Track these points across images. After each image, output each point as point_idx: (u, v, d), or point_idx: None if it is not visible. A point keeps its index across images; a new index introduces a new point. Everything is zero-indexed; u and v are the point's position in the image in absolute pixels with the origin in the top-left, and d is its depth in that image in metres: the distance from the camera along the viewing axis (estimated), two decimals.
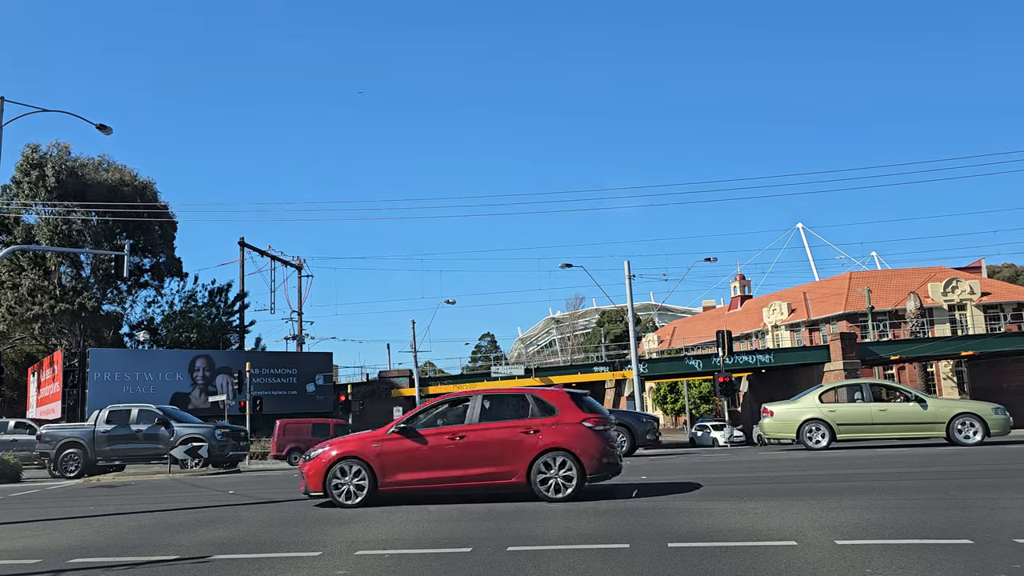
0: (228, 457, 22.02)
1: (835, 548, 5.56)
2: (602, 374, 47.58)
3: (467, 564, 5.53)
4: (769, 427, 18.46)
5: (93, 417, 22.18)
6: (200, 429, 21.68)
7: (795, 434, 17.87)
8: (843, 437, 17.73)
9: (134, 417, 21.71)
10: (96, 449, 21.43)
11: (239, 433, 22.80)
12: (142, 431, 21.42)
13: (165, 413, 22.25)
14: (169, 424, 21.49)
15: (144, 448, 21.49)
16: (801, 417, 17.86)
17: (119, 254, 25.62)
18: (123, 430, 21.53)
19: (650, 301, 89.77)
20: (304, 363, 43.09)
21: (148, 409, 22.20)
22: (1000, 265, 75.89)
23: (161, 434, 21.32)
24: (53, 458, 21.42)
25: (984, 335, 51.86)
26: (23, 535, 8.37)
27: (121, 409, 22.19)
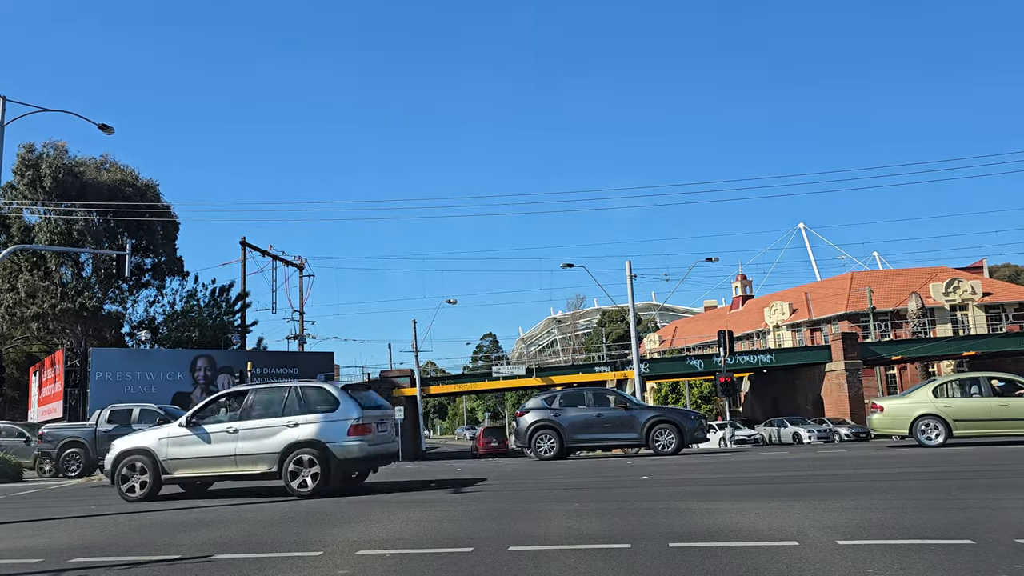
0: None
1: (836, 548, 5.55)
2: (603, 374, 47.58)
3: (468, 564, 5.53)
4: (879, 423, 17.72)
5: (95, 417, 22.19)
6: None
7: (907, 430, 17.11)
8: (960, 433, 16.86)
9: (136, 417, 21.72)
10: (98, 449, 21.38)
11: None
12: (144, 431, 21.43)
13: (167, 413, 22.25)
14: (170, 423, 21.47)
15: None
16: (914, 413, 17.03)
17: (121, 254, 25.64)
18: (125, 430, 21.49)
19: (651, 301, 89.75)
20: (305, 363, 43.06)
21: (150, 408, 22.22)
22: (1002, 265, 75.78)
23: None
24: (55, 458, 21.42)
25: (986, 335, 51.84)
26: (24, 534, 8.37)
27: (123, 409, 22.19)
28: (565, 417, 19.64)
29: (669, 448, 19.11)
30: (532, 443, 19.64)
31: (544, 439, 19.54)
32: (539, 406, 20.10)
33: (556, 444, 19.44)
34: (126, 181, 43.49)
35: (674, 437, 19.23)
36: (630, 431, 19.51)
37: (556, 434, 19.50)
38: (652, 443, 19.29)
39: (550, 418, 19.64)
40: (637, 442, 19.75)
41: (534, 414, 19.87)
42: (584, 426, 19.56)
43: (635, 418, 19.51)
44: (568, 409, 19.84)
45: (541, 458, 19.42)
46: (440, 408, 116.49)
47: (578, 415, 19.68)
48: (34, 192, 40.39)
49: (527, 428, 19.73)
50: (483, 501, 9.84)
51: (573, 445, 19.91)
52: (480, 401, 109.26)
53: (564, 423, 19.55)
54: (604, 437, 19.83)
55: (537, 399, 20.62)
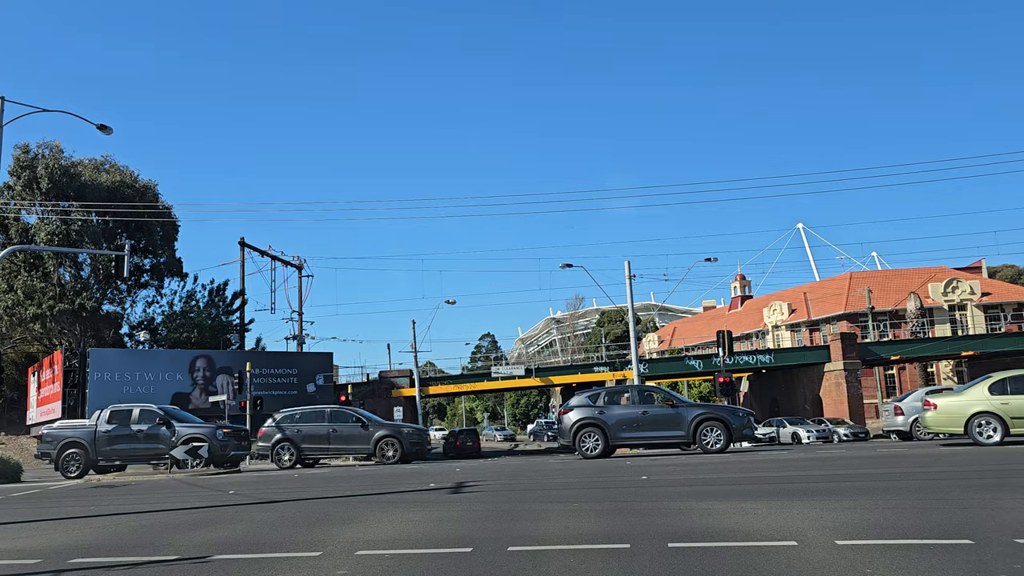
0: (230, 457, 21.98)
1: (835, 548, 5.55)
2: (602, 374, 47.60)
3: (467, 564, 5.53)
4: (932, 421, 17.30)
5: (94, 417, 22.15)
6: (202, 429, 21.65)
7: (963, 428, 16.67)
8: (1017, 431, 16.39)
9: (135, 417, 21.69)
10: (98, 449, 21.41)
11: (241, 433, 22.76)
12: (143, 431, 21.39)
13: (167, 413, 22.24)
14: (171, 424, 21.45)
15: (146, 448, 21.48)
16: (970, 410, 16.55)
17: (119, 254, 25.65)
18: (124, 430, 21.51)
19: (650, 301, 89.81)
20: (304, 363, 43.07)
21: (149, 409, 22.18)
22: (1000, 265, 75.87)
23: (163, 434, 21.28)
24: (54, 458, 21.40)
25: (984, 335, 51.89)
26: (23, 535, 8.36)
27: (122, 409, 22.17)
28: (610, 415, 19.27)
29: (717, 446, 18.72)
30: (576, 441, 19.26)
31: (588, 437, 19.20)
32: (583, 404, 19.76)
33: (601, 442, 19.10)
34: (125, 182, 43.46)
35: (722, 434, 18.80)
36: (676, 429, 19.09)
37: (601, 432, 19.13)
38: (699, 441, 18.89)
39: (594, 416, 19.25)
40: (684, 440, 19.32)
41: (578, 412, 19.53)
42: (629, 424, 19.19)
43: (681, 415, 19.12)
44: (612, 407, 19.50)
45: (586, 456, 19.07)
46: (439, 408, 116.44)
47: (623, 413, 19.31)
48: (31, 193, 40.32)
49: (571, 426, 19.35)
50: (482, 501, 9.84)
51: (618, 443, 19.57)
52: (479, 401, 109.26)
53: (609, 421, 19.18)
54: (650, 435, 19.40)
55: (580, 396, 20.29)
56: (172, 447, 20.79)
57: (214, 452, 21.01)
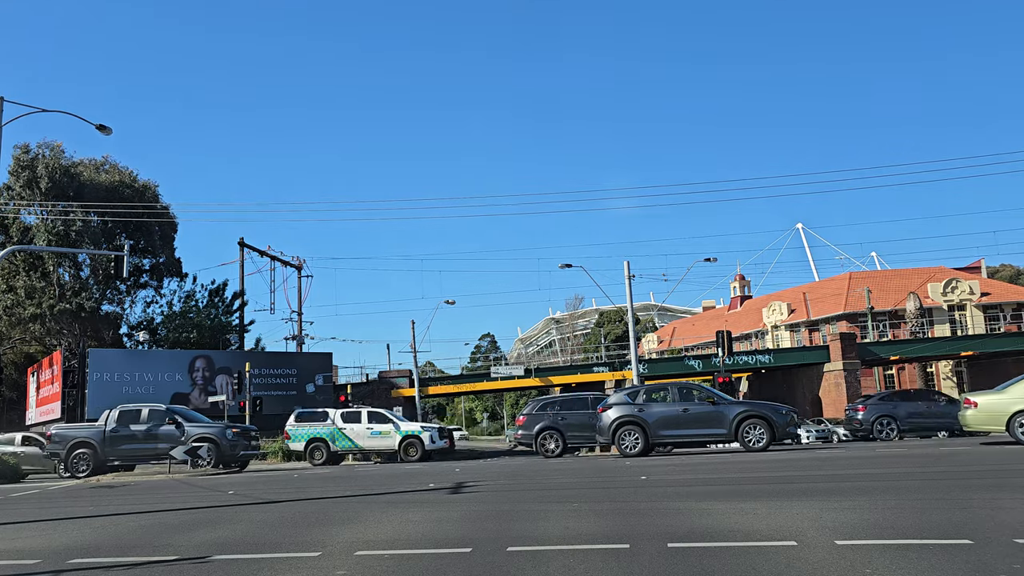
0: (239, 457, 21.85)
1: (835, 548, 5.55)
2: (602, 374, 47.60)
3: (467, 564, 5.53)
4: (973, 419, 17.15)
5: (103, 417, 22.02)
6: (211, 429, 21.55)
7: (1004, 426, 16.49)
8: None
9: (144, 417, 21.61)
10: (107, 449, 21.30)
11: (250, 432, 22.63)
12: (153, 431, 21.29)
13: (176, 413, 22.12)
14: (180, 424, 21.37)
15: (155, 448, 21.37)
16: (1012, 408, 16.34)
17: (119, 254, 25.65)
18: (134, 430, 21.39)
19: (650, 301, 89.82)
20: (304, 363, 43.06)
21: (159, 409, 22.14)
22: (999, 265, 75.91)
23: (172, 434, 21.16)
24: (63, 458, 21.31)
25: (983, 335, 51.89)
26: (23, 535, 8.36)
27: (131, 409, 22.09)
28: (650, 412, 19.10)
29: (760, 444, 18.51)
30: (616, 439, 19.10)
31: (628, 435, 19.03)
32: (622, 401, 19.59)
33: (641, 440, 18.94)
34: (124, 182, 43.44)
35: (764, 432, 18.54)
36: (718, 427, 18.85)
37: (641, 430, 18.96)
38: (741, 439, 18.66)
39: (634, 414, 19.09)
40: (725, 438, 19.09)
41: (617, 409, 19.36)
42: (670, 422, 19.00)
43: (723, 413, 18.86)
44: (652, 404, 19.36)
45: (626, 455, 18.93)
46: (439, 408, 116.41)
47: (663, 410, 19.15)
48: (30, 193, 40.28)
49: (610, 424, 19.17)
50: (482, 501, 9.85)
51: (658, 441, 19.38)
52: (479, 401, 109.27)
53: (649, 419, 19.01)
54: (691, 433, 19.13)
55: (619, 394, 20.12)
56: (181, 447, 20.72)
57: (224, 452, 20.92)
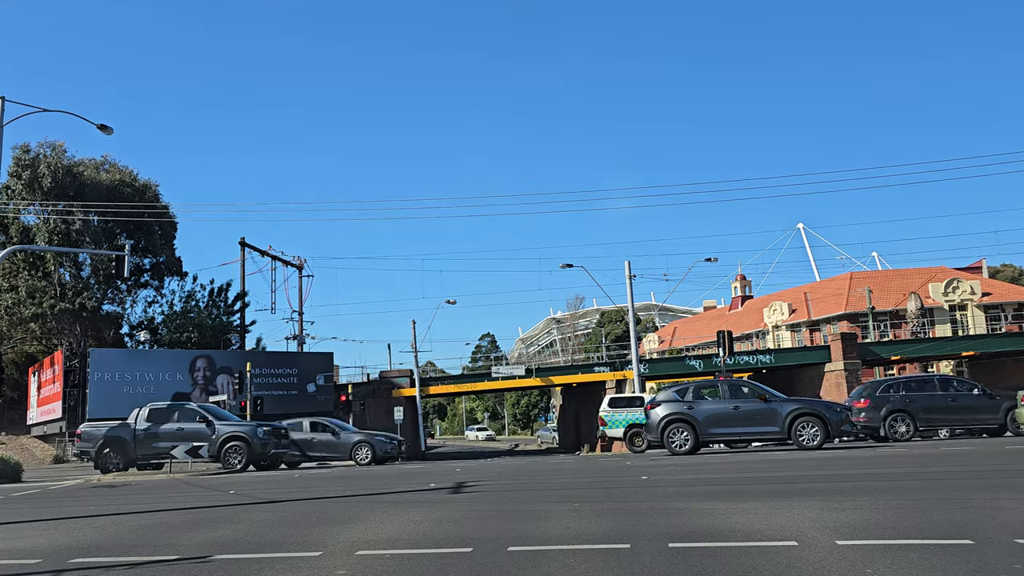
0: (270, 456, 21.70)
1: (836, 548, 5.55)
2: (603, 374, 47.56)
3: (468, 564, 5.53)
4: None
5: (133, 415, 21.91)
6: (243, 427, 21.45)
7: None
8: None
9: (175, 415, 21.52)
10: (137, 447, 21.19)
11: (280, 431, 22.50)
12: (184, 429, 21.18)
13: (207, 411, 22.03)
14: (211, 422, 21.24)
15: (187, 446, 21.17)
16: None
17: (120, 254, 25.65)
18: (165, 428, 21.26)
19: (651, 301, 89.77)
20: (304, 363, 43.07)
21: (189, 407, 22.09)
22: (1001, 265, 75.82)
23: (203, 432, 21.07)
24: (94, 456, 21.28)
25: (985, 335, 51.84)
26: (23, 535, 8.36)
27: (162, 407, 22.04)
28: (700, 410, 18.93)
29: (814, 442, 18.25)
30: (664, 437, 18.93)
31: (677, 433, 18.88)
32: (671, 399, 19.41)
33: (690, 438, 18.78)
34: (124, 181, 43.43)
35: (819, 430, 18.26)
36: (770, 424, 18.64)
37: (690, 428, 18.80)
38: (795, 437, 18.41)
39: (683, 411, 18.95)
40: (778, 436, 18.83)
41: (666, 407, 19.20)
42: (720, 419, 18.82)
43: (775, 410, 18.63)
44: (702, 402, 19.18)
45: (675, 452, 18.78)
46: (440, 408, 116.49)
47: (714, 408, 18.97)
48: (31, 193, 40.26)
49: (659, 421, 19.02)
50: (482, 501, 9.84)
51: (708, 439, 19.18)
52: (480, 401, 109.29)
53: (699, 416, 18.84)
54: (742, 431, 18.93)
55: (668, 391, 19.92)
56: (213, 445, 20.67)
57: (255, 451, 20.83)
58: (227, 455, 20.68)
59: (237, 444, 20.68)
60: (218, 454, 20.72)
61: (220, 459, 20.85)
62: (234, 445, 20.66)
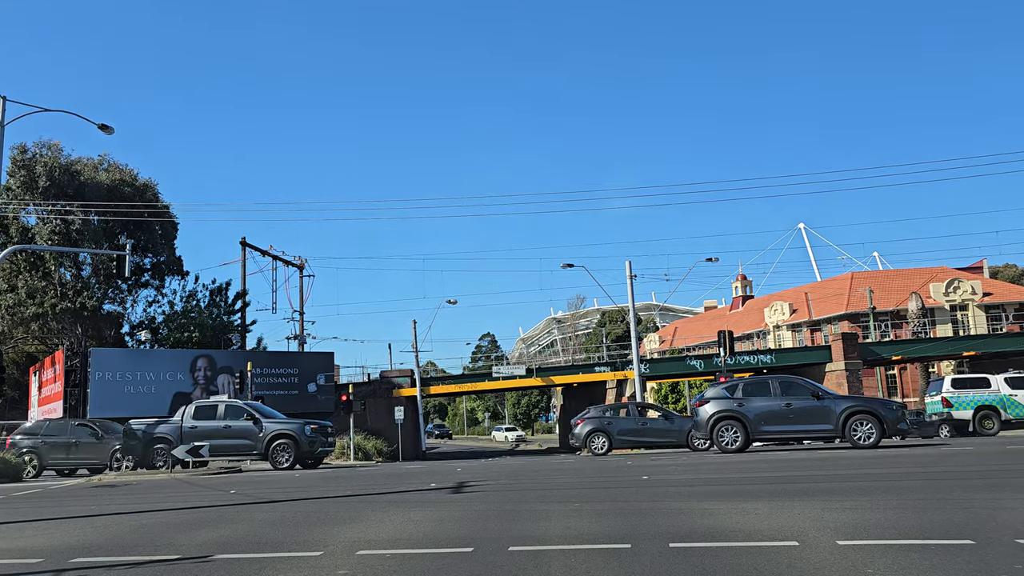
0: (317, 454, 21.48)
1: (837, 548, 5.55)
2: (604, 374, 47.57)
3: (468, 564, 5.53)
4: None
5: (180, 413, 21.78)
6: (290, 425, 21.25)
7: None
8: None
9: (221, 413, 21.34)
10: (183, 444, 20.86)
11: (327, 429, 22.21)
12: (231, 427, 21.02)
13: (254, 409, 21.83)
14: (258, 420, 21.05)
15: (233, 444, 21.07)
16: None
17: (121, 254, 25.65)
18: (212, 426, 21.08)
19: (651, 301, 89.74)
20: (305, 363, 43.07)
21: (235, 404, 21.92)
22: (1002, 265, 75.77)
23: (250, 430, 20.88)
24: (140, 453, 21.15)
25: (986, 335, 51.80)
26: (24, 534, 8.37)
27: (208, 404, 21.90)
28: (750, 407, 18.67)
29: (869, 440, 17.82)
30: (713, 435, 18.75)
31: (727, 431, 18.65)
32: (720, 395, 19.14)
33: (740, 436, 18.55)
34: (124, 180, 43.42)
35: (874, 428, 17.82)
36: (824, 422, 18.23)
37: (740, 425, 18.56)
38: (849, 435, 18.00)
39: (733, 408, 18.71)
40: (831, 434, 18.41)
41: (715, 404, 18.97)
42: (772, 417, 18.53)
43: (829, 408, 18.25)
44: (753, 399, 18.86)
45: (724, 450, 18.56)
46: (440, 408, 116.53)
47: (764, 405, 18.66)
48: (29, 193, 40.23)
49: (708, 419, 18.81)
50: (483, 501, 9.84)
51: (759, 437, 18.89)
52: (480, 401, 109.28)
53: (749, 414, 18.58)
54: (794, 429, 18.62)
55: (717, 388, 19.64)
56: (261, 443, 20.48)
57: (303, 449, 20.61)
58: (275, 453, 20.39)
59: (285, 442, 20.42)
60: (265, 452, 20.47)
61: (268, 457, 20.58)
62: (282, 443, 20.41)
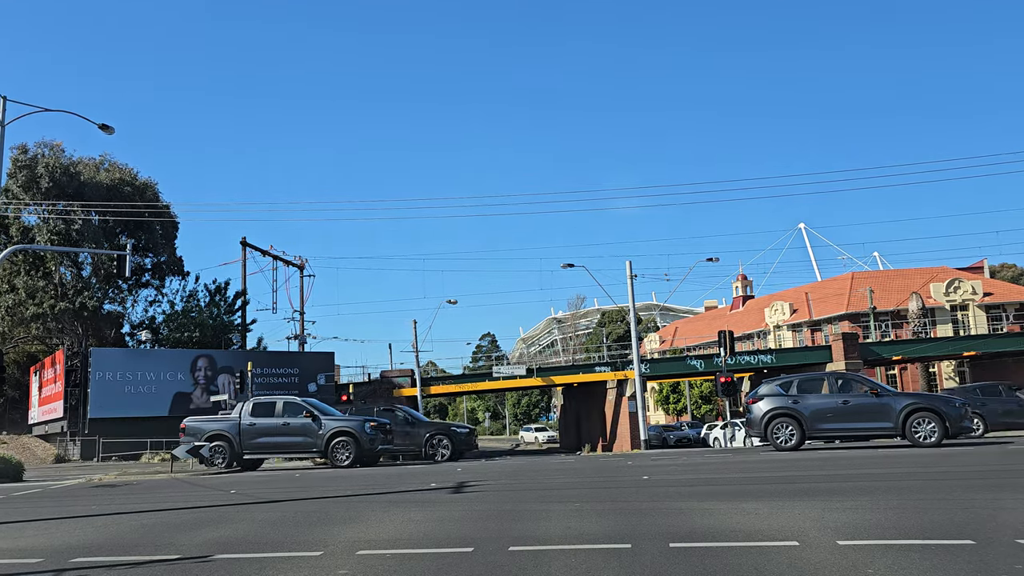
0: (376, 452, 21.24)
1: (837, 548, 5.55)
2: (604, 374, 47.55)
3: (469, 564, 5.53)
4: None
5: (237, 409, 21.46)
6: (350, 422, 20.98)
7: None
8: None
9: (279, 410, 21.04)
10: (243, 442, 20.73)
11: (386, 427, 21.95)
12: (290, 424, 20.73)
13: (312, 406, 21.56)
14: (317, 417, 20.76)
15: (293, 441, 20.80)
16: None
17: (121, 253, 25.61)
18: (271, 422, 20.79)
19: (652, 301, 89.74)
20: (305, 363, 43.09)
21: (293, 401, 21.63)
22: (1002, 266, 75.76)
23: (309, 427, 20.64)
24: (197, 451, 20.77)
25: (986, 335, 51.77)
26: (25, 534, 8.37)
27: (265, 401, 21.60)
28: (806, 404, 18.35)
29: (931, 439, 17.31)
30: (768, 432, 18.44)
31: (782, 428, 18.36)
32: (774, 392, 18.84)
33: (796, 433, 18.22)
34: (124, 180, 43.44)
35: (936, 427, 17.33)
36: (883, 420, 17.84)
37: (796, 423, 18.24)
38: (909, 433, 17.54)
39: (788, 405, 18.40)
40: (891, 432, 18.00)
41: (769, 401, 18.67)
42: (828, 414, 18.17)
43: (888, 405, 17.83)
44: (808, 396, 18.56)
45: (779, 448, 18.29)
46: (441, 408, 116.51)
47: (821, 402, 18.34)
48: (29, 193, 40.23)
49: (762, 416, 18.52)
50: (483, 501, 9.84)
51: (815, 435, 18.52)
52: (480, 401, 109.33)
53: (805, 411, 18.25)
54: (852, 427, 18.21)
55: (771, 384, 19.36)
56: (320, 440, 20.29)
57: (363, 447, 20.36)
58: (334, 451, 20.19)
59: (345, 440, 20.19)
60: (325, 450, 20.26)
61: (327, 455, 20.36)
62: (342, 441, 20.18)
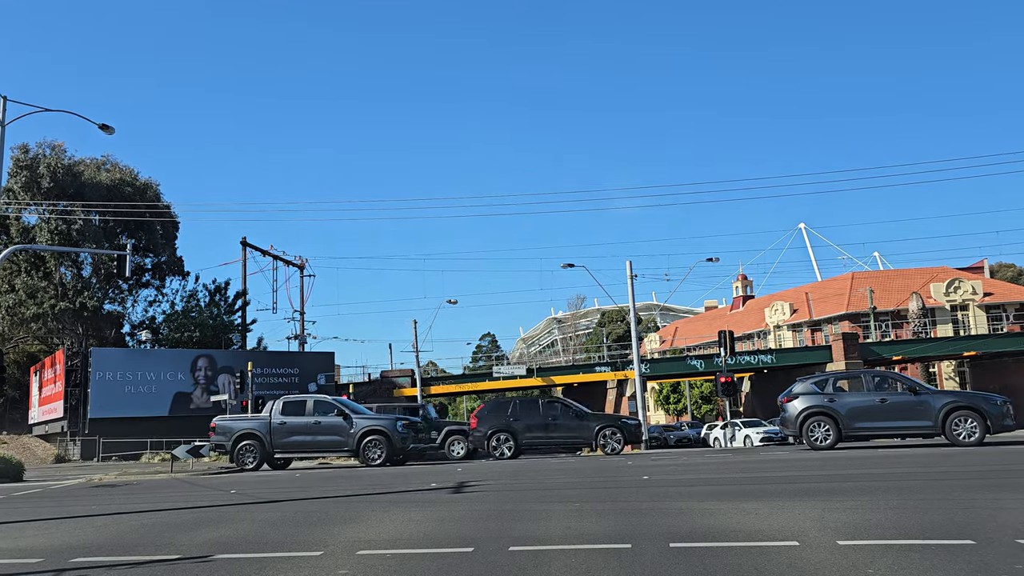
0: (408, 451, 21.13)
1: (837, 548, 5.55)
2: (604, 374, 47.61)
3: (469, 564, 5.53)
4: None
5: (267, 408, 21.43)
6: (381, 421, 20.92)
7: None
8: None
9: (310, 408, 21.01)
10: (274, 441, 20.66)
11: (417, 425, 21.86)
12: (321, 423, 20.67)
13: (343, 404, 21.55)
14: (348, 416, 20.69)
15: (324, 440, 20.73)
16: None
17: (121, 253, 25.62)
18: (302, 421, 20.73)
19: (652, 301, 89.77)
20: (306, 363, 43.12)
21: (324, 400, 21.64)
22: (1000, 265, 75.76)
23: (340, 426, 20.55)
24: (229, 450, 20.87)
25: (986, 335, 51.81)
26: (25, 534, 8.37)
27: (296, 400, 21.59)
28: (842, 403, 18.06)
29: (972, 438, 17.01)
30: (803, 431, 18.17)
31: (818, 427, 18.04)
32: (809, 391, 18.58)
33: (832, 432, 17.92)
34: (125, 180, 43.48)
35: (976, 425, 17.03)
36: (922, 419, 17.54)
37: (832, 422, 17.93)
38: (949, 432, 17.22)
39: (824, 404, 18.10)
40: (931, 431, 17.66)
41: (804, 400, 18.40)
42: (865, 413, 17.87)
43: (927, 404, 17.56)
44: (844, 394, 18.35)
45: (815, 447, 18.00)
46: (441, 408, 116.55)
47: (857, 401, 18.05)
48: (30, 193, 40.25)
49: (797, 415, 18.24)
50: (483, 501, 9.84)
51: (852, 434, 18.19)
52: (480, 401, 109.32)
53: (841, 410, 17.96)
54: (890, 425, 17.98)
55: (806, 383, 19.04)
56: (352, 439, 20.25)
57: (395, 445, 20.25)
58: (366, 450, 20.14)
59: (376, 438, 20.14)
60: (356, 449, 20.22)
61: (358, 454, 20.30)
62: (373, 439, 20.14)
